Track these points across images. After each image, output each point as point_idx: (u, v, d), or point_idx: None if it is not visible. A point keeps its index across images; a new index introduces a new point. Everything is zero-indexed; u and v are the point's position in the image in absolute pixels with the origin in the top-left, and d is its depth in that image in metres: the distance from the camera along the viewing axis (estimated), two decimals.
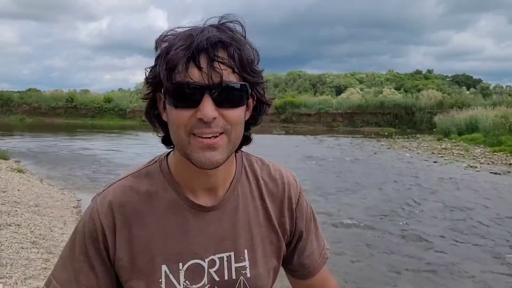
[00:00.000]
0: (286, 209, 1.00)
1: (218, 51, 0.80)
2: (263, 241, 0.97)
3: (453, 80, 77.08)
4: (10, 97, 37.61)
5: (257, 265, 0.95)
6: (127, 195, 0.91)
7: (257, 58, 0.88)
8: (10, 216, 5.50)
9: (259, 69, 0.87)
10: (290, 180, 1.03)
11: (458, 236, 5.79)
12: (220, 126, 0.81)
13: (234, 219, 0.94)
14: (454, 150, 16.00)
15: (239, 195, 0.96)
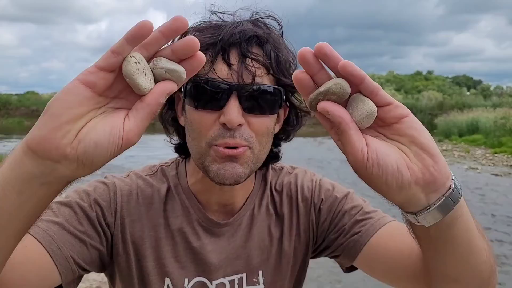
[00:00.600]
0: (306, 214, 0.88)
1: (253, 47, 0.69)
2: (282, 259, 0.86)
3: (453, 81, 77.18)
4: (8, 100, 37.70)
5: (274, 287, 0.85)
6: (147, 192, 0.84)
7: (294, 61, 0.76)
8: None
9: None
10: (305, 182, 0.92)
11: None
12: (244, 138, 0.70)
13: (248, 237, 0.85)
14: (455, 152, 15.94)
15: (254, 210, 0.86)
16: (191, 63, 0.48)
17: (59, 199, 0.76)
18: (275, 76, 0.71)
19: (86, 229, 0.77)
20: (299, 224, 0.88)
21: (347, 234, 0.84)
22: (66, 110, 0.46)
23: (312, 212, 0.88)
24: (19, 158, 0.48)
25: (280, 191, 0.90)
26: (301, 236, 0.88)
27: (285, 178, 0.93)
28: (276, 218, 0.88)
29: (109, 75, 0.49)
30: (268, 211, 0.88)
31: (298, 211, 0.88)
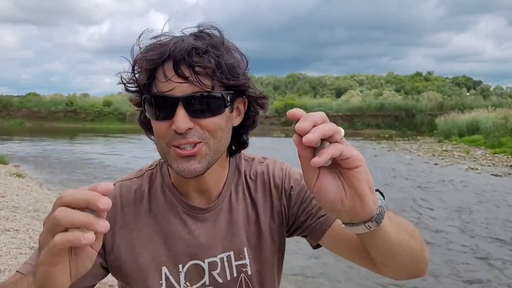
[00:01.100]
0: (278, 199, 0.99)
1: (193, 59, 0.77)
2: (261, 237, 0.97)
3: (453, 82, 77.17)
4: (9, 101, 37.68)
5: (258, 261, 0.97)
6: (131, 197, 0.94)
7: (242, 62, 0.86)
8: (9, 221, 5.47)
9: (243, 72, 0.85)
10: (276, 171, 1.03)
11: (459, 238, 5.76)
12: (197, 136, 0.80)
13: (230, 219, 0.95)
14: (454, 152, 15.97)
15: (232, 196, 0.97)
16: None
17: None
18: (219, 81, 0.80)
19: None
20: (273, 207, 0.98)
21: (314, 217, 0.94)
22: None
23: (283, 197, 0.98)
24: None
25: (254, 179, 1.01)
26: (275, 218, 0.98)
27: (258, 167, 1.04)
28: (251, 203, 0.98)
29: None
30: (244, 196, 0.98)
31: (271, 196, 0.99)
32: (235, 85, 0.82)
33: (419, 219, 6.75)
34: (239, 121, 0.91)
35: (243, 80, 0.84)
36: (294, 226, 0.99)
